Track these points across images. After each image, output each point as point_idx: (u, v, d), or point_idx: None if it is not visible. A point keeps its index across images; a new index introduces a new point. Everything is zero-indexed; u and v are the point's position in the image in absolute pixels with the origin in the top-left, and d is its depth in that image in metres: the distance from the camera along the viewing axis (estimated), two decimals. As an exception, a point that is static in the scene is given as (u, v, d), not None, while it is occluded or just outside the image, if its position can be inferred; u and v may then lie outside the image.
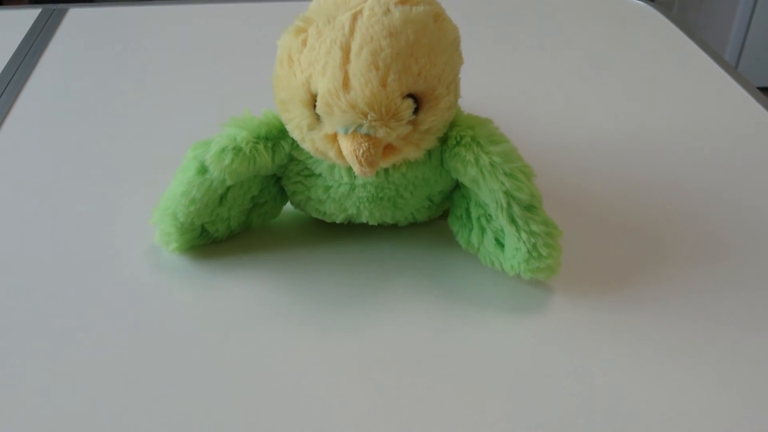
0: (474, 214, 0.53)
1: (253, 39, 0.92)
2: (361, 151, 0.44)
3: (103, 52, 0.90)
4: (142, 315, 0.51)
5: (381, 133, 0.45)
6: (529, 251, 0.50)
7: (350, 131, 0.45)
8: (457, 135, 0.50)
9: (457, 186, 0.54)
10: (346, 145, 0.45)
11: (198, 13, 1.01)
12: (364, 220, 0.54)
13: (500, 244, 0.53)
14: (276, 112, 0.51)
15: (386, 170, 0.51)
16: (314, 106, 0.46)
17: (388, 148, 0.47)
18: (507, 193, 0.49)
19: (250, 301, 0.53)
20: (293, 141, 0.51)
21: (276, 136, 0.52)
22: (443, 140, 0.51)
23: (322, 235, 0.58)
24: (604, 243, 0.59)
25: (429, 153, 0.51)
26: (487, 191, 0.49)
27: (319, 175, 0.53)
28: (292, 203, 0.57)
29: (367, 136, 0.45)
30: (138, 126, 0.74)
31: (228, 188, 0.53)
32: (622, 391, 0.46)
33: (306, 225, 0.60)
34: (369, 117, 0.44)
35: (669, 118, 0.76)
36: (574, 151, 0.70)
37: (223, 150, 0.50)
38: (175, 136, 0.70)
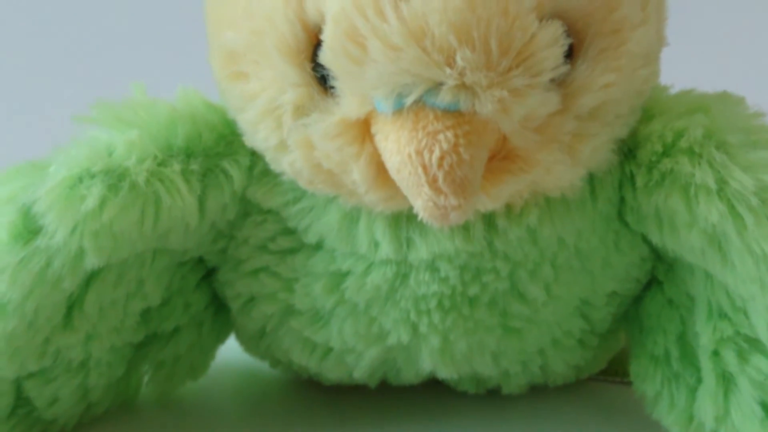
0: (706, 344, 0.31)
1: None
2: (438, 154, 0.25)
3: None
4: None
5: (488, 104, 0.25)
6: None
7: (408, 104, 0.25)
8: (666, 131, 0.29)
9: (654, 280, 0.34)
10: (401, 143, 0.26)
11: None
12: (425, 366, 0.33)
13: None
14: (211, 91, 0.32)
15: (489, 219, 0.30)
16: (313, 54, 0.27)
17: (498, 158, 0.27)
18: None
19: None
20: (253, 157, 0.31)
21: (210, 150, 0.31)
22: (628, 149, 0.30)
23: (320, 419, 0.36)
24: None
25: (592, 182, 0.30)
26: (749, 274, 0.28)
27: (318, 246, 0.31)
28: (239, 335, 0.36)
29: (456, 114, 0.25)
30: None
31: (88, 281, 0.31)
32: None
33: (280, 397, 0.38)
34: (458, 61, 0.25)
35: None
36: None
37: (80, 180, 0.29)
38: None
